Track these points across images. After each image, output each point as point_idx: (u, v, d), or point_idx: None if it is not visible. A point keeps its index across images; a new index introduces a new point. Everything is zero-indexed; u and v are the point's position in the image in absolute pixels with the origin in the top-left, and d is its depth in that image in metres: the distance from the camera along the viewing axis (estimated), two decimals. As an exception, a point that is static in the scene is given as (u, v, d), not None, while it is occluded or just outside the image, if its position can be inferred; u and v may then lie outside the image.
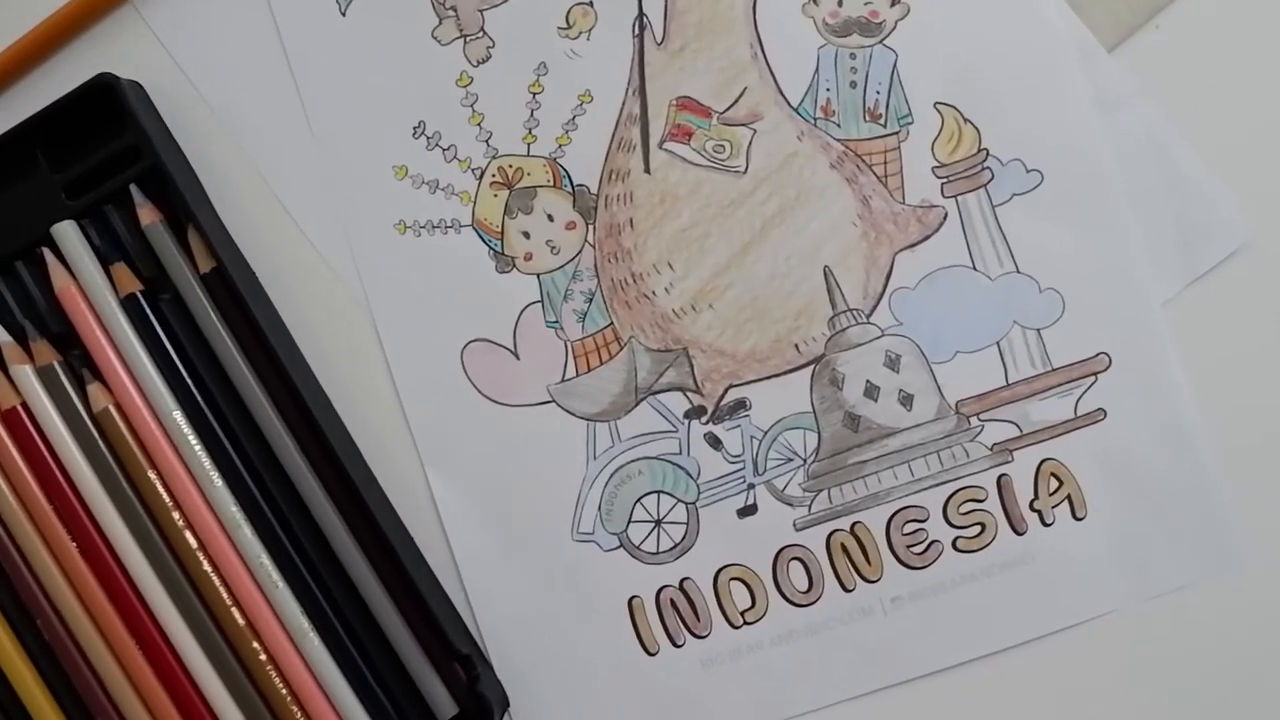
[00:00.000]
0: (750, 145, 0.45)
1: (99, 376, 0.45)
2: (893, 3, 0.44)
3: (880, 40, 0.45)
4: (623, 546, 0.45)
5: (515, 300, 0.45)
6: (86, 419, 0.45)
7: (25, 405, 0.45)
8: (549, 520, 0.45)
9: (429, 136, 0.46)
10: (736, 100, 0.45)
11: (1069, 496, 0.44)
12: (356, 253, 0.46)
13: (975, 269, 0.44)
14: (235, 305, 0.45)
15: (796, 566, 0.45)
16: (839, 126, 0.45)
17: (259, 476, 0.45)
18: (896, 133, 0.44)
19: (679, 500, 0.45)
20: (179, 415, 0.44)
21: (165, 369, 0.45)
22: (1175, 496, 0.43)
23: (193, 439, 0.44)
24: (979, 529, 0.44)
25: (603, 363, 0.45)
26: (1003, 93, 0.44)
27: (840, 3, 0.45)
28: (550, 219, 0.45)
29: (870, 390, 0.44)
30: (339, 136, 0.46)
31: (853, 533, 0.45)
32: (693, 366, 0.45)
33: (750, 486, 0.45)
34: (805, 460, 0.45)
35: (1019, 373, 0.44)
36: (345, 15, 0.46)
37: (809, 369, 0.45)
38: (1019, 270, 0.44)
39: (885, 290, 0.44)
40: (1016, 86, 0.44)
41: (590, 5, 0.45)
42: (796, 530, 0.45)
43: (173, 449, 0.44)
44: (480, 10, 0.46)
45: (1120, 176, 0.44)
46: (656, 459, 0.45)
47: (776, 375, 0.45)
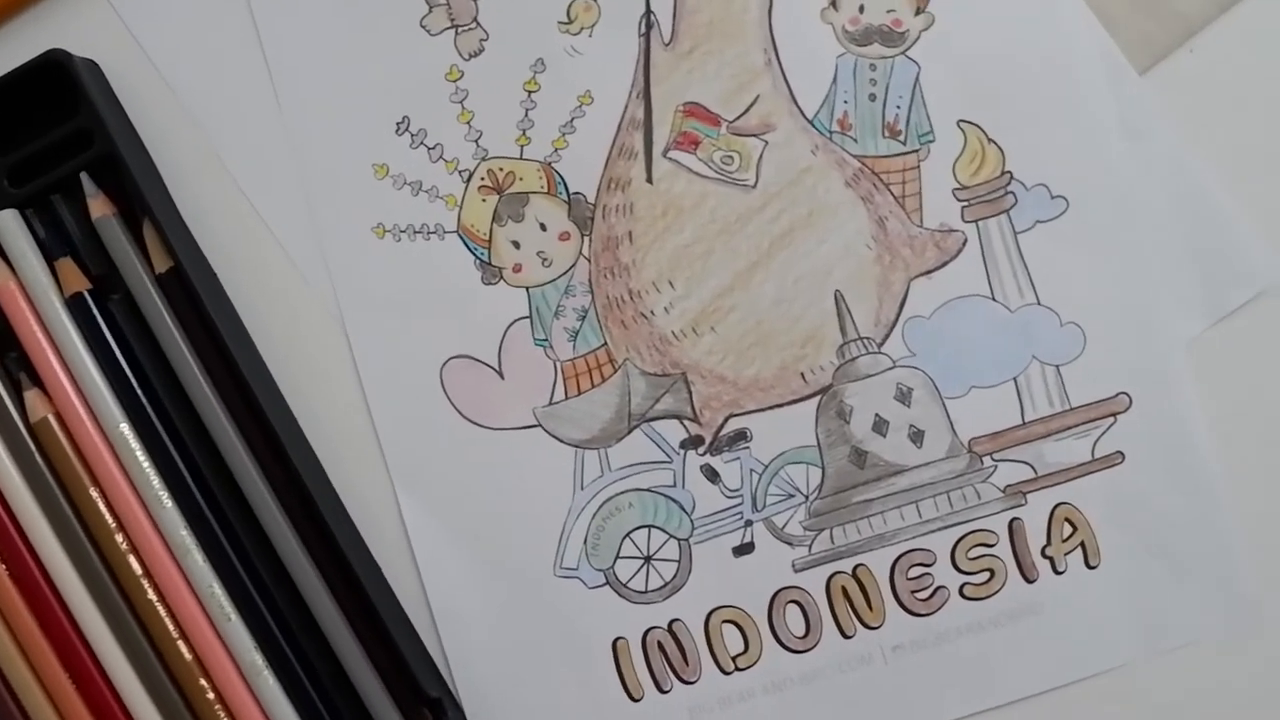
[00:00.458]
0: (761, 158, 0.42)
1: (38, 382, 0.41)
2: (917, 11, 0.42)
3: (902, 51, 0.42)
4: (609, 584, 0.42)
5: (501, 315, 0.42)
6: (22, 429, 0.41)
7: (-46, 412, 0.41)
8: (530, 553, 0.42)
9: (413, 134, 0.42)
10: (748, 109, 0.42)
11: (1082, 543, 0.42)
12: (329, 257, 0.42)
13: (994, 299, 0.42)
14: (192, 309, 0.41)
15: (794, 610, 0.42)
16: (856, 141, 0.42)
17: (213, 497, 0.41)
18: (916, 151, 0.42)
19: (671, 536, 0.42)
20: (126, 428, 0.41)
21: (112, 376, 0.41)
22: (1192, 548, 0.41)
23: (140, 454, 0.41)
24: (988, 575, 0.42)
25: (594, 386, 0.42)
26: (1029, 113, 0.41)
27: (861, 9, 0.42)
28: (543, 228, 0.42)
29: (879, 425, 0.42)
30: (314, 129, 0.42)
31: (854, 575, 0.42)
32: (691, 393, 0.42)
33: (748, 523, 0.42)
34: (807, 497, 0.42)
35: (1036, 411, 0.42)
36: (325, -3, 0.43)
37: (815, 400, 0.42)
38: (1039, 302, 0.42)
39: (898, 318, 0.42)
40: (1043, 107, 0.41)
41: (594, 0, 0.42)
42: (795, 571, 0.42)
43: (118, 464, 0.41)
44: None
45: (1146, 207, 0.41)
46: (648, 491, 0.42)
47: (780, 405, 0.42)
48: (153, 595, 0.40)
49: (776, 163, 0.42)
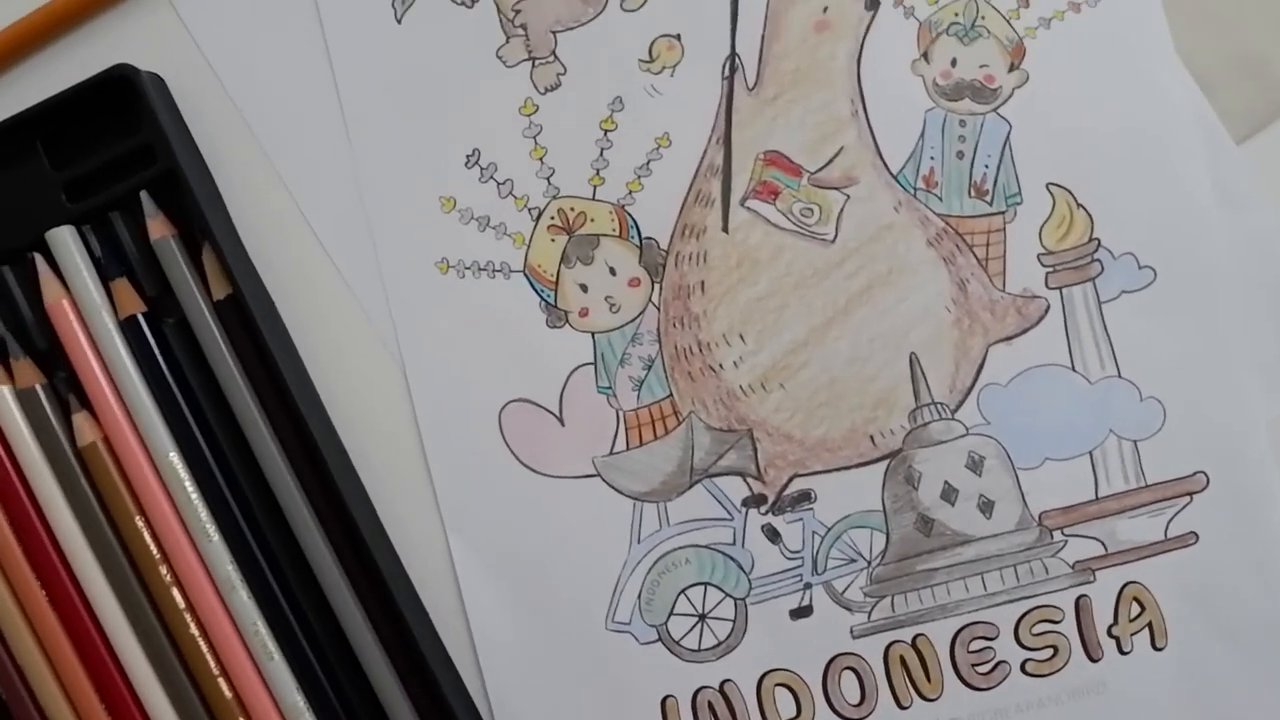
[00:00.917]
0: (842, 212, 0.40)
1: (87, 405, 0.40)
2: (1011, 67, 0.40)
3: (994, 108, 0.40)
4: (661, 640, 0.41)
5: (565, 360, 0.41)
6: (70, 452, 0.40)
7: (1, 432, 0.39)
8: (581, 605, 0.41)
9: (483, 167, 0.41)
10: (831, 160, 0.40)
11: (1150, 624, 0.40)
12: (390, 290, 0.41)
13: (1074, 369, 0.40)
14: (249, 338, 0.40)
15: (849, 677, 0.41)
16: (940, 200, 0.40)
17: (260, 533, 0.40)
18: (1003, 212, 0.40)
19: (727, 595, 0.41)
20: (175, 456, 0.39)
21: (164, 403, 0.40)
22: (1263, 636, 0.40)
23: (189, 485, 0.39)
24: (1051, 652, 0.40)
25: (657, 437, 0.41)
26: (1121, 178, 0.40)
27: (954, 62, 0.40)
28: (612, 272, 0.41)
29: (948, 493, 0.40)
30: (381, 155, 0.41)
31: (914, 645, 0.41)
32: (756, 450, 0.41)
33: (807, 586, 0.41)
34: (870, 562, 0.40)
35: (1110, 486, 0.40)
36: (400, 22, 0.41)
37: (883, 464, 0.40)
38: (1120, 374, 0.40)
39: (974, 385, 0.40)
40: (1136, 172, 0.40)
41: (677, 39, 0.41)
42: (853, 638, 0.41)
43: (165, 494, 0.39)
44: (553, 32, 0.41)
45: (1236, 280, 0.40)
46: (707, 548, 0.41)
47: (847, 468, 0.40)
48: (195, 630, 0.39)
49: (858, 218, 0.40)
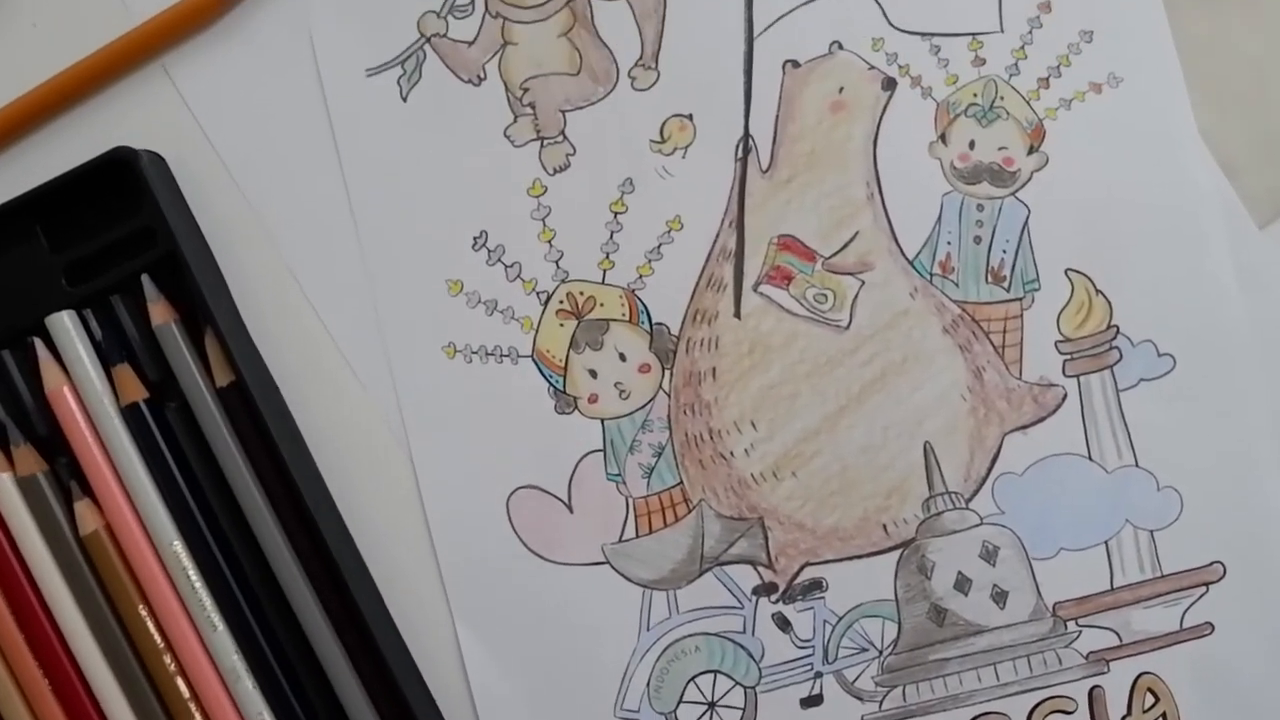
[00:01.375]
0: (856, 298, 0.40)
1: (89, 492, 0.39)
2: (1030, 150, 0.39)
3: (1012, 192, 0.40)
4: (670, 728, 0.41)
5: (574, 446, 0.40)
6: (72, 541, 0.39)
7: (1, 520, 0.39)
8: (590, 693, 0.40)
9: (491, 250, 0.40)
10: (846, 245, 0.40)
11: (1164, 715, 0.40)
12: (397, 375, 0.40)
13: (1091, 458, 0.40)
14: (253, 425, 0.39)
15: (860, 766, 0.40)
16: (957, 286, 0.40)
17: (266, 623, 0.39)
18: (1020, 299, 0.40)
19: (737, 683, 0.40)
20: (179, 545, 0.39)
21: (167, 490, 0.39)
22: (1279, 724, 0.39)
23: (193, 574, 0.39)
24: (1064, 742, 0.40)
25: (667, 525, 0.40)
26: (1141, 264, 0.39)
27: (972, 144, 0.39)
28: (622, 358, 0.40)
29: (961, 582, 0.40)
30: (387, 239, 0.40)
31: (925, 734, 0.40)
32: (767, 539, 0.40)
33: (818, 675, 0.40)
34: (881, 652, 0.40)
35: (1126, 577, 0.40)
36: (406, 100, 0.40)
37: (896, 553, 0.40)
38: (1138, 464, 0.40)
39: (989, 474, 0.40)
40: (1157, 258, 0.39)
41: (689, 119, 0.40)
42: (864, 727, 0.40)
43: (169, 584, 0.39)
44: (562, 111, 0.40)
45: (1258, 368, 0.39)
46: (716, 636, 0.40)
47: (859, 557, 0.40)
48: (200, 720, 0.39)
49: (873, 304, 0.40)
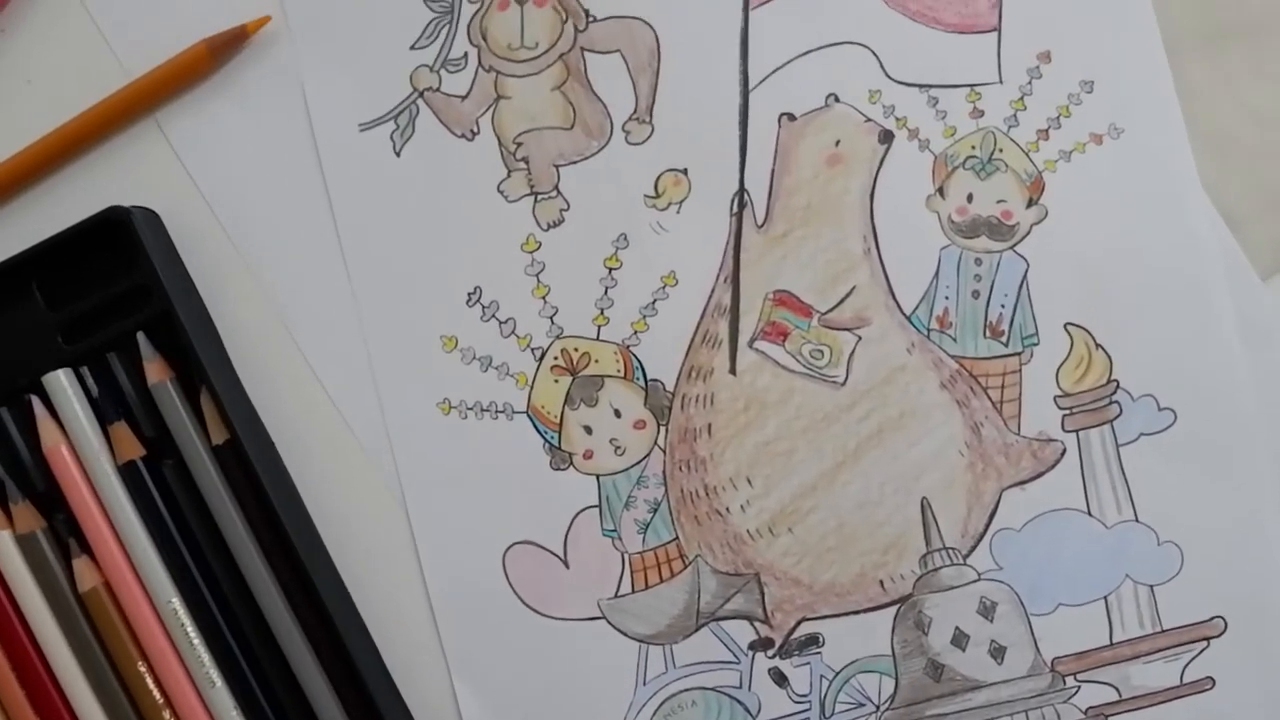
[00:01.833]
0: (853, 354, 0.39)
1: (87, 549, 0.39)
2: (1029, 203, 0.39)
3: (1011, 245, 0.39)
4: (666, 782, 0.41)
5: (570, 502, 0.40)
6: (71, 598, 0.39)
7: (1, 577, 0.39)
8: (587, 747, 0.41)
9: (485, 305, 0.40)
10: (842, 300, 0.39)
11: (1164, 769, 0.40)
12: (393, 431, 0.40)
13: (1090, 514, 0.39)
14: (249, 483, 0.39)
15: (857, 820, 0.40)
16: (955, 341, 0.39)
17: (264, 678, 0.39)
18: (1019, 353, 0.39)
19: (733, 737, 0.41)
20: (177, 602, 0.39)
21: (164, 547, 0.39)
22: (1280, 780, 0.39)
23: (191, 630, 0.39)
24: (1062, 797, 0.40)
25: (663, 580, 0.40)
26: (1142, 317, 0.39)
27: (970, 197, 0.39)
28: (617, 414, 0.40)
29: (958, 638, 0.40)
30: (382, 295, 0.40)
31: (922, 789, 0.40)
32: (763, 594, 0.40)
33: (814, 730, 0.40)
34: (878, 707, 0.40)
35: (1125, 632, 0.39)
36: (400, 155, 0.40)
37: (893, 608, 0.40)
38: (1138, 519, 0.39)
39: (987, 529, 0.39)
40: (1158, 312, 0.39)
41: (684, 173, 0.39)
42: (861, 781, 0.40)
43: (168, 640, 0.39)
44: (556, 166, 0.40)
45: (1259, 422, 0.39)
46: (713, 690, 0.40)
47: (856, 612, 0.40)
48: (199, 776, 0.39)
49: (869, 360, 0.39)
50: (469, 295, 0.40)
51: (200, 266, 0.40)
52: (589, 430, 0.40)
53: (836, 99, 0.39)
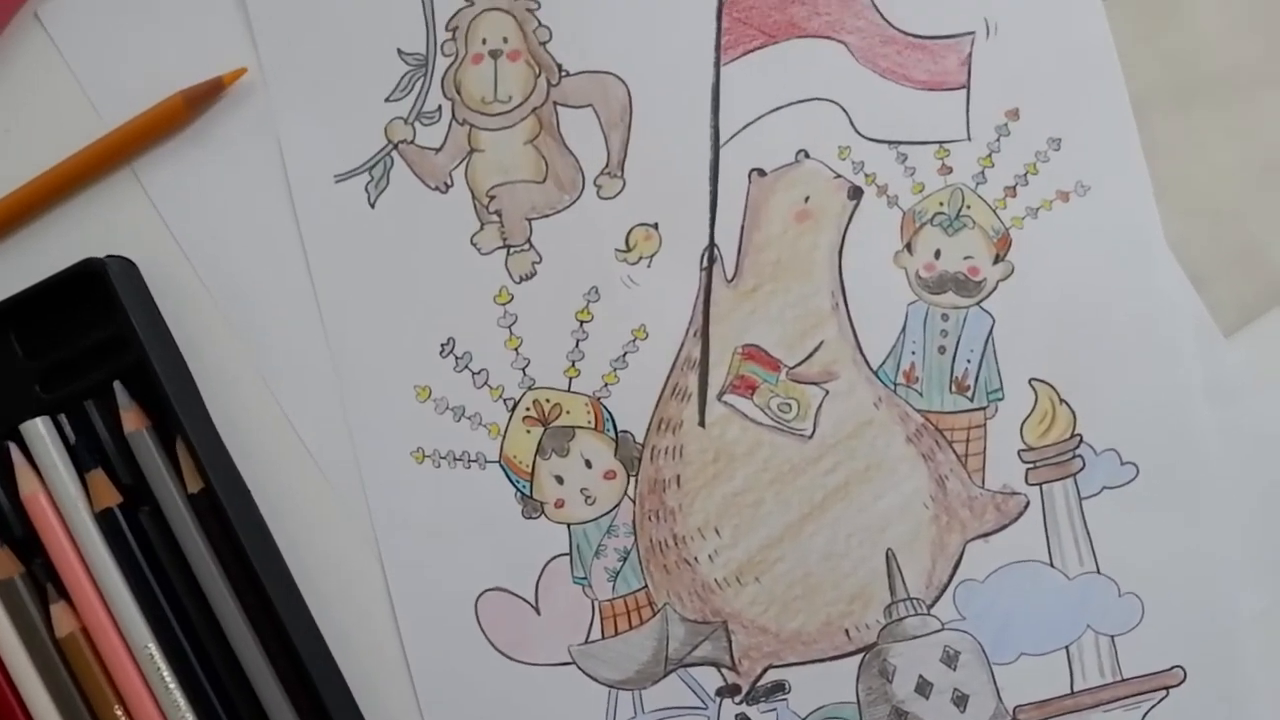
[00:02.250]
0: (820, 407, 0.40)
1: (65, 595, 0.40)
2: (996, 259, 0.39)
3: (977, 302, 0.40)
4: (634, 825, 0.41)
5: (541, 550, 0.41)
6: (49, 643, 0.40)
7: (-21, 622, 0.40)
8: (556, 790, 0.41)
9: (458, 356, 0.41)
10: (810, 355, 0.40)
11: (1123, 814, 0.40)
12: (367, 480, 0.41)
13: (1052, 565, 0.40)
14: (224, 531, 0.40)
15: None
16: (921, 395, 0.40)
17: (239, 722, 0.40)
18: (984, 408, 0.40)
19: (701, 781, 0.41)
20: (153, 647, 0.40)
21: (141, 593, 0.40)
22: (1237, 826, 0.40)
23: (167, 676, 0.40)
24: (1023, 842, 0.41)
25: (632, 627, 0.41)
26: (1106, 374, 0.39)
27: (938, 254, 0.40)
28: (588, 465, 0.40)
29: (922, 686, 0.40)
30: (356, 345, 0.41)
31: (886, 833, 0.41)
32: (731, 642, 0.41)
33: (780, 774, 0.41)
34: (843, 752, 0.41)
35: (1086, 681, 0.40)
36: (374, 207, 0.41)
37: (858, 657, 0.40)
38: (1099, 570, 0.40)
39: (951, 580, 0.40)
40: (1122, 368, 0.39)
41: (655, 228, 0.40)
42: (825, 825, 0.41)
43: (144, 684, 0.40)
44: (528, 219, 0.40)
45: (1220, 475, 0.39)
46: (681, 735, 0.41)
47: (821, 660, 0.40)
48: (175, 818, 0.40)
49: (836, 414, 0.40)
50: (442, 346, 0.41)
51: (177, 315, 0.41)
52: (560, 480, 0.41)
53: (806, 155, 0.40)
